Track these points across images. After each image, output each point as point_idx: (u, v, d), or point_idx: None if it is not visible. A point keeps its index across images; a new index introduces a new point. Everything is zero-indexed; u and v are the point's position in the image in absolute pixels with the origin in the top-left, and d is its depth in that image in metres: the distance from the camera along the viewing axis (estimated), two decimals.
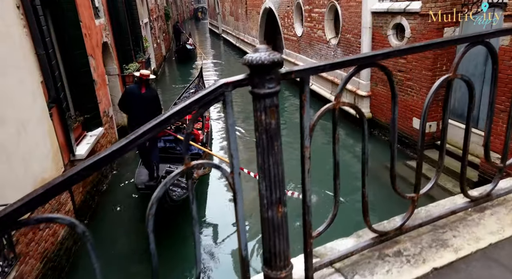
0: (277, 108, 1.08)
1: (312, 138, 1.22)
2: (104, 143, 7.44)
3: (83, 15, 7.13)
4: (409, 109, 7.77)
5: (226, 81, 1.02)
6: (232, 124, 1.05)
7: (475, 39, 1.40)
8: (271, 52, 1.03)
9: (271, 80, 1.04)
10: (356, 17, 9.11)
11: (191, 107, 0.97)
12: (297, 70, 1.11)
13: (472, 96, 1.48)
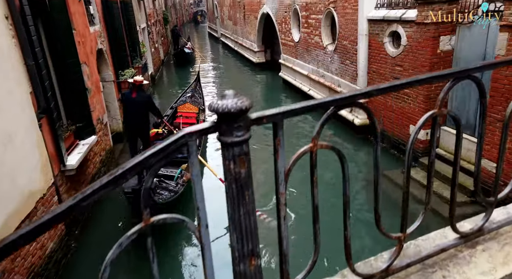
0: (247, 156, 1.00)
1: (287, 183, 1.14)
2: (97, 150, 7.36)
3: (77, 23, 7.06)
4: (405, 116, 7.70)
5: (189, 131, 0.94)
6: (198, 175, 0.97)
7: (461, 74, 1.33)
8: (239, 99, 0.95)
9: (239, 128, 0.97)
10: (352, 24, 9.05)
11: (148, 160, 0.89)
12: (269, 115, 1.04)
13: (460, 132, 1.40)
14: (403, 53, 7.44)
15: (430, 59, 6.75)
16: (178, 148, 0.94)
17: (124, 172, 0.86)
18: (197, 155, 0.98)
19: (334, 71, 10.53)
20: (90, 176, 6.72)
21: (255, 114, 1.03)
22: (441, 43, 6.66)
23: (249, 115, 1.01)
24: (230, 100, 0.95)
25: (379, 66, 8.39)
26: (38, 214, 4.42)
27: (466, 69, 1.33)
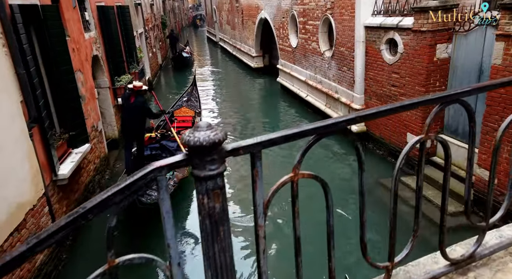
0: (222, 190, 0.95)
1: (266, 215, 1.08)
2: (91, 158, 7.29)
3: (72, 30, 7.02)
4: (402, 124, 7.65)
5: (159, 165, 0.88)
6: (168, 211, 0.92)
7: (450, 98, 1.28)
8: (212, 131, 0.90)
9: (212, 161, 0.91)
10: (349, 30, 9.03)
11: (113, 199, 0.83)
12: (245, 146, 0.98)
13: (448, 156, 1.35)
14: (400, 60, 7.41)
15: (427, 67, 6.71)
16: (147, 183, 0.89)
17: (84, 213, 0.81)
18: (167, 190, 0.92)
19: (332, 77, 10.50)
20: (83, 185, 6.65)
21: (231, 145, 0.98)
22: (438, 51, 6.63)
23: (225, 146, 0.95)
24: (202, 133, 0.89)
25: (376, 73, 8.35)
26: (27, 226, 4.35)
27: (455, 92, 1.29)
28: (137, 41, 15.03)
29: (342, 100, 9.83)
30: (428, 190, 6.85)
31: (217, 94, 17.88)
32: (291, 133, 1.05)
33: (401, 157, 1.25)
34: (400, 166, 1.26)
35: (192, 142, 0.88)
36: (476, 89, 1.34)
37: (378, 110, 1.16)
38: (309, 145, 1.09)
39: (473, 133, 1.37)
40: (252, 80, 19.58)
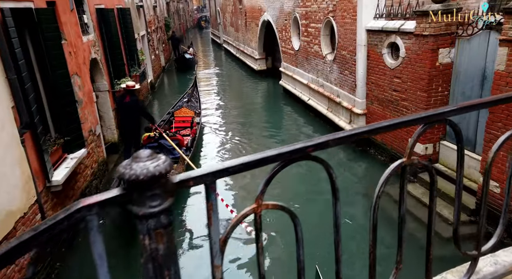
0: (167, 228, 0.83)
1: (224, 254, 0.96)
2: (89, 163, 7.21)
3: (68, 33, 6.95)
4: (404, 130, 7.50)
5: (88, 203, 0.77)
6: (102, 256, 0.80)
7: (436, 118, 1.16)
8: (153, 162, 0.78)
9: (154, 197, 0.79)
10: (351, 34, 8.90)
11: (30, 243, 0.72)
12: (197, 176, 0.86)
13: (434, 182, 1.23)
14: (402, 65, 7.27)
15: (429, 72, 6.57)
16: (76, 223, 0.78)
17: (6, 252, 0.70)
18: (98, 231, 0.80)
19: (334, 81, 10.37)
20: (79, 190, 6.57)
21: (179, 176, 0.86)
22: (440, 55, 6.48)
23: (171, 178, 0.84)
24: (141, 164, 0.77)
25: (377, 78, 8.21)
26: (17, 235, 4.26)
27: (441, 112, 1.16)
28: (138, 44, 14.99)
29: (343, 104, 9.69)
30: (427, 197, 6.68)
31: (219, 96, 17.80)
32: (252, 161, 0.93)
33: (380, 184, 1.13)
34: (379, 194, 1.14)
35: (127, 175, 0.76)
36: (463, 108, 1.22)
37: (353, 133, 1.04)
38: (273, 173, 0.97)
39: (461, 155, 1.24)
40: (255, 82, 19.48)
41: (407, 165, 1.13)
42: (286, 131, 12.09)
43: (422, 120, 1.14)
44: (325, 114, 10.83)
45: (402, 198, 1.20)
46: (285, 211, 1.05)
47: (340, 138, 1.04)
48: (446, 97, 6.76)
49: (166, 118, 10.95)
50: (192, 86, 14.38)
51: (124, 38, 11.89)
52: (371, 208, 1.14)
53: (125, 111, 7.35)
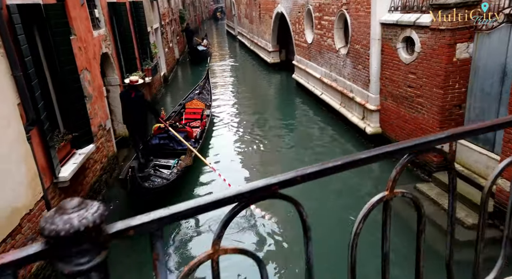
0: None
1: None
2: (98, 158, 7.23)
3: (78, 28, 6.93)
4: (419, 127, 7.28)
5: (1, 262, 0.65)
6: None
7: (422, 147, 1.02)
8: (81, 213, 0.65)
9: (83, 252, 0.67)
10: (365, 27, 8.65)
11: None
12: (138, 225, 0.74)
13: (421, 216, 1.10)
14: (417, 60, 7.02)
15: (445, 68, 6.32)
16: None
17: None
18: None
19: (347, 75, 10.14)
20: (88, 185, 6.59)
21: (116, 225, 0.73)
22: (458, 50, 6.22)
23: (105, 228, 0.71)
24: (65, 217, 0.64)
25: (392, 73, 7.97)
26: (23, 231, 4.28)
27: (430, 140, 1.03)
28: (152, 37, 14.96)
29: (357, 99, 9.47)
30: (445, 200, 6.48)
31: (231, 89, 17.71)
32: (204, 204, 0.79)
33: (358, 221, 1.00)
34: (357, 231, 1.01)
35: (47, 231, 0.63)
36: (455, 135, 1.07)
37: (324, 168, 0.91)
38: (231, 215, 0.84)
39: (453, 186, 1.11)
40: (268, 75, 19.29)
41: (389, 199, 1.00)
42: (298, 125, 11.94)
43: (408, 149, 1.01)
44: (338, 110, 10.63)
45: (386, 236, 1.07)
46: (248, 256, 0.92)
47: (309, 174, 0.90)
48: (463, 94, 6.51)
49: (177, 109, 11.19)
50: (204, 78, 14.44)
51: (136, 32, 11.86)
52: (349, 247, 1.01)
53: (130, 107, 7.25)
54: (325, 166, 0.90)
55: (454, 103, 6.56)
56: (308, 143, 10.27)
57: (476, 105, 6.32)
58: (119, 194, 7.63)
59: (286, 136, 11.04)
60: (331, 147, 9.71)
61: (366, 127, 9.02)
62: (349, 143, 9.62)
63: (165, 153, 8.06)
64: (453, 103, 6.56)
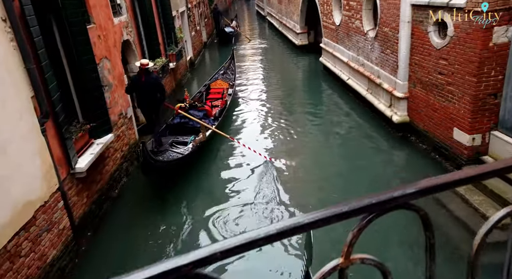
0: None
1: None
2: (118, 146, 7.28)
3: (97, 17, 6.89)
4: (449, 117, 6.84)
5: None
6: None
7: (394, 202, 0.81)
8: None
9: None
10: (394, 9, 8.13)
11: None
12: None
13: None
14: (450, 45, 6.53)
15: (480, 54, 5.82)
16: None
17: None
18: None
19: (374, 60, 9.67)
20: (108, 174, 6.66)
21: None
22: (495, 35, 5.70)
23: None
24: None
25: (421, 58, 7.49)
26: (37, 223, 4.35)
27: (393, 197, 0.80)
28: (177, 21, 14.86)
29: (384, 86, 9.02)
30: (474, 195, 6.08)
31: (257, 72, 17.48)
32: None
33: None
34: None
35: None
36: (425, 190, 0.85)
37: None
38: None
39: (430, 245, 0.90)
40: (296, 58, 18.83)
41: (344, 268, 0.80)
42: (323, 109, 11.62)
43: (367, 209, 0.80)
44: (364, 96, 10.20)
45: None
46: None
47: (269, 236, 0.73)
48: (500, 82, 6.01)
49: (202, 89, 11.81)
50: (230, 59, 14.86)
51: (160, 17, 11.76)
52: None
53: (141, 90, 7.34)
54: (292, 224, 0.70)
55: (488, 92, 6.08)
56: (331, 127, 9.99)
57: None
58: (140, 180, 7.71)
59: (310, 119, 10.84)
60: (355, 134, 9.37)
61: (393, 115, 8.60)
62: (374, 131, 9.23)
63: (186, 130, 8.55)
64: (488, 92, 6.08)
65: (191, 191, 7.18)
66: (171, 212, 6.63)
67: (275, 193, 6.87)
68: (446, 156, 7.10)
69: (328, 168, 7.84)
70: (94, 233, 5.85)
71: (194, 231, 5.99)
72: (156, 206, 6.84)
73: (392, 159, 8.11)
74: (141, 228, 6.13)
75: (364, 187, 7.09)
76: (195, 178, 7.52)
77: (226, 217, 6.22)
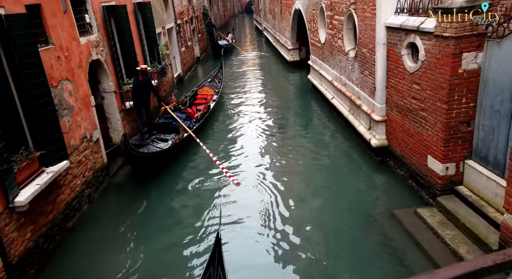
0: None
1: None
2: (79, 172, 6.97)
3: (59, 37, 6.66)
4: (423, 144, 6.49)
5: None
6: None
7: None
8: None
9: None
10: (370, 30, 7.87)
11: None
12: None
13: None
14: (421, 69, 6.23)
15: (449, 80, 5.51)
16: None
17: None
18: None
19: (355, 80, 9.38)
20: (63, 203, 6.33)
21: None
22: (464, 61, 5.39)
23: None
24: None
25: (397, 82, 7.18)
26: None
27: None
28: (163, 38, 14.69)
29: (363, 108, 8.71)
30: (446, 230, 5.70)
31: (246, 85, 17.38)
32: None
33: None
34: None
35: None
36: None
37: None
38: None
39: None
40: (286, 74, 18.61)
41: None
42: (306, 127, 11.34)
43: None
44: (346, 116, 9.88)
45: None
46: None
47: None
48: (472, 109, 5.68)
49: (189, 94, 13.10)
50: (218, 68, 16.16)
51: (141, 34, 11.57)
52: None
53: (138, 88, 9.35)
54: None
55: (460, 119, 5.74)
56: (314, 148, 9.69)
57: (486, 123, 5.48)
58: (104, 207, 7.39)
59: (292, 138, 10.57)
60: (336, 156, 9.04)
61: (371, 138, 8.26)
62: (355, 154, 8.89)
63: (169, 129, 9.79)
64: (460, 120, 5.75)
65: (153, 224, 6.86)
66: (125, 245, 6.30)
67: None
68: (422, 185, 6.74)
69: (305, 193, 7.51)
70: (39, 270, 5.48)
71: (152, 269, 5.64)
72: (118, 234, 6.52)
73: (370, 185, 7.73)
74: (97, 264, 5.77)
75: (338, 212, 6.75)
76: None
77: None
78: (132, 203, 7.58)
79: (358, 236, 6.10)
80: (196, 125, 10.23)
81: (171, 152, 8.65)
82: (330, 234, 6.23)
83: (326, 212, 6.85)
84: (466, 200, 5.88)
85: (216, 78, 15.24)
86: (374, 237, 5.99)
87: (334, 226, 6.42)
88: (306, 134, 10.81)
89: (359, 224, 6.36)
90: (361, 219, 6.51)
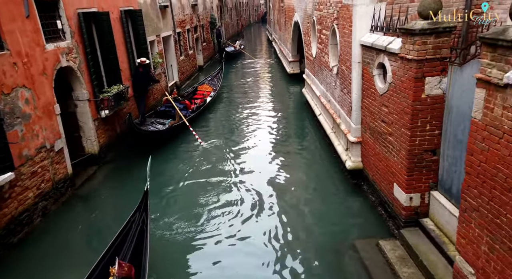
0: None
1: None
2: (32, 184, 6.72)
3: (16, 43, 6.48)
4: (390, 171, 6.04)
5: None
6: None
7: None
8: None
9: None
10: (348, 47, 7.49)
11: None
12: None
13: None
14: (389, 92, 5.81)
15: (412, 105, 5.08)
16: None
17: None
18: None
19: (337, 98, 8.98)
20: (7, 217, 6.08)
21: None
22: (427, 85, 4.97)
23: None
24: None
25: (370, 103, 6.77)
26: None
27: None
28: (158, 46, 14.54)
29: (342, 127, 8.30)
30: (404, 267, 5.23)
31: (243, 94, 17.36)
32: None
33: None
34: None
35: None
36: None
37: None
38: None
39: None
40: (286, 86, 18.24)
41: None
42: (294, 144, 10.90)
43: None
44: (328, 135, 9.46)
45: None
46: None
47: None
48: (437, 137, 5.22)
49: (190, 90, 15.34)
50: (219, 69, 18.01)
51: (128, 42, 11.41)
52: None
53: (139, 78, 11.15)
54: None
55: (424, 147, 5.29)
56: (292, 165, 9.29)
57: (450, 153, 5.03)
58: (61, 218, 7.13)
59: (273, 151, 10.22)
60: (313, 178, 8.59)
61: (347, 160, 7.83)
62: (334, 175, 8.41)
63: (168, 116, 11.80)
64: (424, 148, 5.29)
65: None
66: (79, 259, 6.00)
67: None
68: (389, 214, 6.27)
69: (274, 216, 7.12)
70: None
71: None
72: (68, 251, 6.24)
73: (342, 210, 7.21)
74: None
75: (300, 238, 6.34)
76: None
77: None
78: (97, 214, 7.32)
79: (312, 268, 5.66)
80: (191, 115, 12.22)
81: (167, 134, 10.63)
82: (282, 258, 5.83)
83: (287, 236, 6.43)
84: (429, 235, 5.40)
85: (216, 78, 17.19)
86: (330, 269, 5.55)
87: (291, 252, 6.00)
88: (289, 150, 10.39)
89: (319, 254, 5.93)
90: (323, 248, 6.07)
